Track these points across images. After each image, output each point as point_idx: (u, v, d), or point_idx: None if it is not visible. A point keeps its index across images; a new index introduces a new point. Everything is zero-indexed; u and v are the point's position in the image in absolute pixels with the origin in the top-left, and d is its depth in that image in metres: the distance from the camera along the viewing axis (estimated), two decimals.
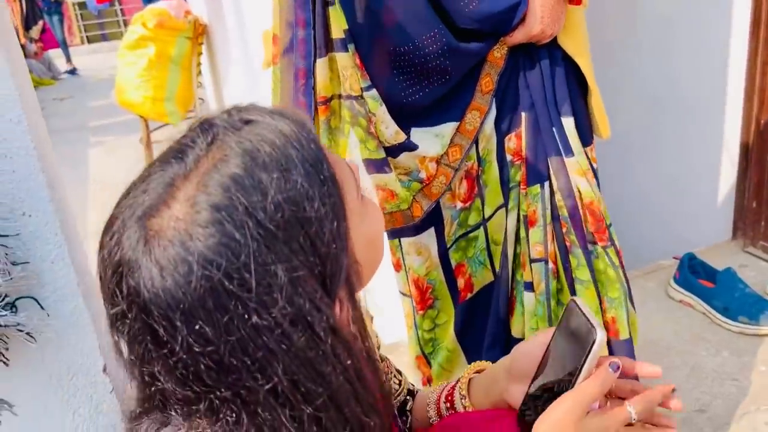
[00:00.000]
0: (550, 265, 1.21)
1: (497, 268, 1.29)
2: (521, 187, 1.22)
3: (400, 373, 0.91)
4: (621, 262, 1.24)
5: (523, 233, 1.24)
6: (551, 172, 1.20)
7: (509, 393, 0.77)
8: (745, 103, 1.96)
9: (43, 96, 8.66)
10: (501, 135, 1.23)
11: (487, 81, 1.19)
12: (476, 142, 1.22)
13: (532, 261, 1.23)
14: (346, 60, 1.12)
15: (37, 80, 9.37)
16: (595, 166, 1.24)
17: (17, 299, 0.74)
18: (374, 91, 1.13)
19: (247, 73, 3.57)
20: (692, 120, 2.13)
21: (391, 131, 1.14)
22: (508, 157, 1.23)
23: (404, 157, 1.17)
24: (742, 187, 2.04)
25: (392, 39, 1.11)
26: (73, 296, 0.78)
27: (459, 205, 1.26)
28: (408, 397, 0.89)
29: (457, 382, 0.86)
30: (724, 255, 2.06)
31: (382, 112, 1.13)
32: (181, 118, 4.32)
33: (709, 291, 1.82)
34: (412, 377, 1.18)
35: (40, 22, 8.90)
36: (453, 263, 1.30)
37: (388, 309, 1.72)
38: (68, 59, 9.45)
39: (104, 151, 5.81)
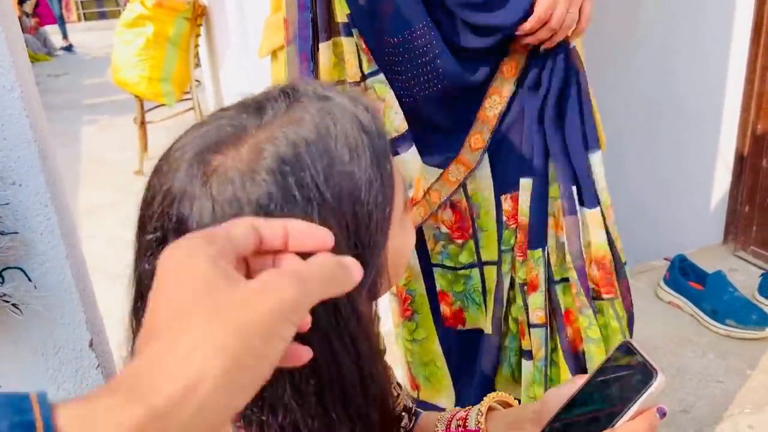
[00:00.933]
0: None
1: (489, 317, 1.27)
2: (517, 253, 1.18)
3: (400, 386, 0.88)
4: (628, 308, 1.21)
5: (519, 300, 1.21)
6: (563, 233, 1.15)
7: None
8: (742, 109, 1.96)
9: (37, 72, 8.57)
10: (497, 190, 1.19)
11: (477, 138, 1.16)
12: (464, 186, 1.20)
13: (531, 326, 1.19)
14: (350, 45, 1.10)
15: (32, 55, 9.28)
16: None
17: (4, 269, 0.73)
18: (381, 75, 1.10)
19: (245, 55, 3.55)
20: (689, 123, 2.13)
21: (399, 119, 1.11)
22: (504, 218, 1.19)
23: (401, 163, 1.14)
24: (735, 192, 2.05)
25: (386, 29, 1.10)
26: (62, 269, 0.77)
27: (443, 228, 1.23)
28: (403, 413, 0.87)
29: (473, 406, 0.84)
30: (715, 258, 2.07)
31: (390, 96, 1.11)
32: (177, 99, 4.29)
33: (698, 293, 1.82)
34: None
35: None
36: (438, 286, 1.28)
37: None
38: (64, 36, 9.39)
39: (97, 129, 5.77)
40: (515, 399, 0.87)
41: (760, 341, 1.69)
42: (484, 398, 0.82)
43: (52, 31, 9.67)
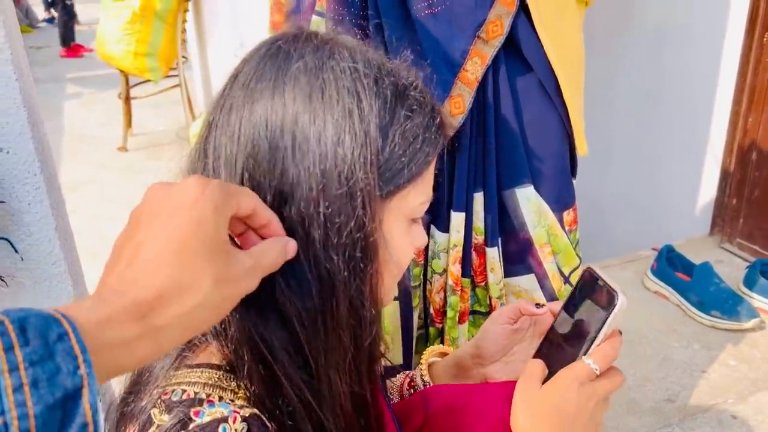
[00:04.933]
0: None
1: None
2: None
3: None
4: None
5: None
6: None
7: (488, 374, 0.78)
8: (733, 101, 1.96)
9: None
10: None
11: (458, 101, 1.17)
12: None
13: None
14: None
15: None
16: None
17: None
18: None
19: (234, 33, 3.49)
20: (680, 115, 2.13)
21: None
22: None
23: None
24: (723, 184, 2.06)
25: None
26: (50, 241, 0.74)
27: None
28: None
29: (415, 369, 0.85)
30: (701, 249, 2.08)
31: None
32: (163, 75, 4.22)
33: (684, 284, 1.83)
34: None
35: None
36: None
37: None
38: (47, 7, 9.18)
39: (81, 103, 5.66)
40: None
41: (744, 332, 1.71)
42: (423, 355, 0.84)
43: (33, 3, 9.46)
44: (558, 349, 0.67)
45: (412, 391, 0.84)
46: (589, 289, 0.65)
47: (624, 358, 1.64)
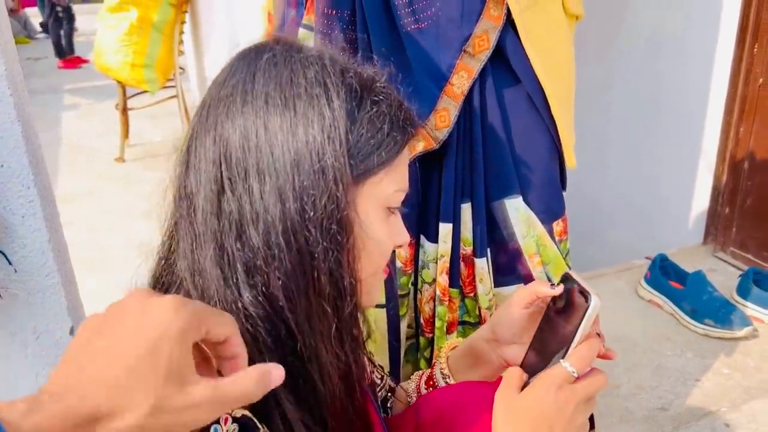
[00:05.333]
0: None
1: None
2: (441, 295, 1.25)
3: (382, 368, 0.90)
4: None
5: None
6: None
7: (506, 355, 0.78)
8: (725, 111, 1.98)
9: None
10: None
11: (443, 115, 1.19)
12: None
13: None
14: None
15: None
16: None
17: None
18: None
19: (231, 44, 3.52)
20: (673, 124, 2.15)
21: None
22: (399, 264, 1.25)
23: None
24: (716, 194, 2.07)
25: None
26: (44, 254, 0.75)
27: (399, 264, 1.26)
28: (389, 394, 0.89)
29: (434, 365, 0.85)
30: (695, 258, 2.09)
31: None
32: (160, 86, 4.24)
33: (678, 292, 1.84)
34: None
35: None
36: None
37: None
38: (45, 18, 9.21)
39: (78, 114, 5.68)
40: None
41: (737, 341, 1.72)
42: (440, 352, 0.85)
43: (32, 14, 9.51)
44: (540, 353, 0.68)
45: (430, 389, 0.84)
46: (567, 293, 0.67)
47: (617, 367, 1.64)
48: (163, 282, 0.64)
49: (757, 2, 1.82)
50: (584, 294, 0.64)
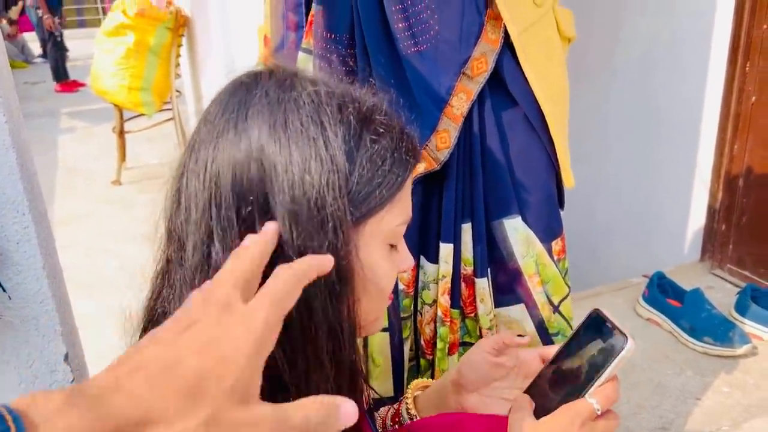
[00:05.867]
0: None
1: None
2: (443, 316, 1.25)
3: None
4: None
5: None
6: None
7: (464, 403, 0.78)
8: (719, 129, 1.99)
9: (14, 79, 8.46)
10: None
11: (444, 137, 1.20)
12: None
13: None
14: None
15: (9, 63, 9.14)
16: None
17: None
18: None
19: (228, 67, 3.53)
20: (668, 143, 2.16)
21: None
22: (401, 286, 1.24)
23: None
24: (712, 211, 2.08)
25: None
26: (38, 280, 0.74)
27: (402, 287, 1.26)
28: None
29: (401, 402, 0.85)
30: (692, 276, 2.09)
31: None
32: (157, 109, 4.26)
33: (676, 310, 1.84)
34: None
35: (20, 3, 8.72)
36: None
37: None
38: (43, 43, 9.28)
39: (75, 138, 5.70)
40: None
41: (736, 358, 1.71)
42: (407, 390, 0.84)
43: (30, 39, 9.57)
44: (554, 386, 0.68)
45: (394, 425, 0.84)
46: (596, 330, 0.66)
47: None
48: (156, 315, 0.62)
49: (748, 22, 1.84)
50: (619, 335, 0.63)
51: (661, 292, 1.91)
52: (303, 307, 0.54)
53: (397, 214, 0.60)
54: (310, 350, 0.55)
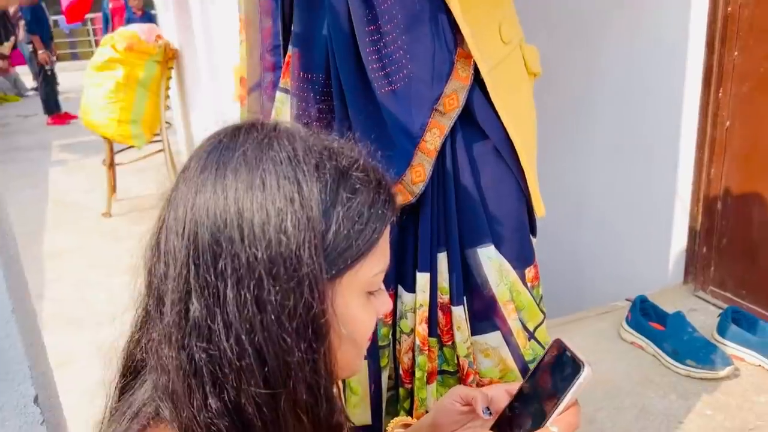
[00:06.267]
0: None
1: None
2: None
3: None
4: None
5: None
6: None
7: None
8: (696, 154, 2.02)
9: (7, 112, 8.51)
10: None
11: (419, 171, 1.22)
12: None
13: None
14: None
15: (2, 96, 9.22)
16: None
17: None
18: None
19: (217, 98, 3.58)
20: (647, 167, 2.19)
21: None
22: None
23: None
24: (693, 233, 2.10)
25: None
26: (6, 323, 0.75)
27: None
28: None
29: None
30: (676, 298, 2.10)
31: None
32: (146, 141, 4.29)
33: (659, 334, 1.85)
34: None
35: (12, 38, 8.79)
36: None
37: None
38: (35, 76, 9.35)
39: (65, 170, 5.71)
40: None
41: (719, 381, 1.72)
42: (388, 425, 0.86)
43: (22, 72, 9.64)
44: (519, 418, 0.69)
45: None
46: (557, 360, 0.68)
47: (602, 411, 1.64)
48: (135, 361, 0.63)
49: (719, 50, 1.88)
50: (576, 362, 0.65)
51: (644, 315, 1.92)
52: (279, 365, 0.54)
53: (374, 264, 0.61)
54: (285, 405, 0.55)
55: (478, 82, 1.15)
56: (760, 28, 1.78)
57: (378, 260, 0.61)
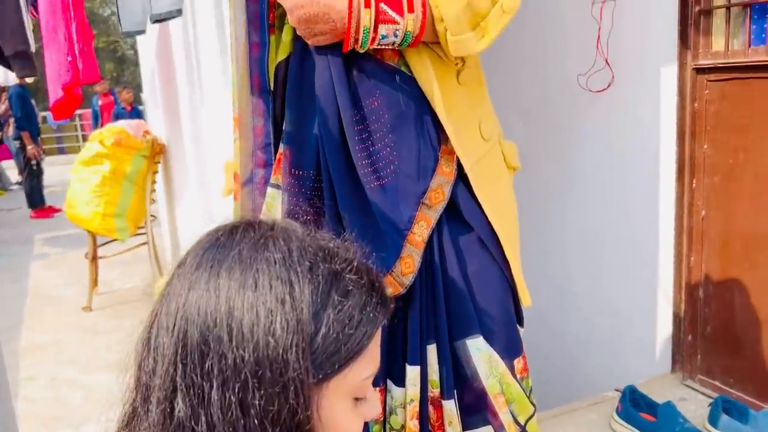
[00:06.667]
0: None
1: None
2: None
3: None
4: None
5: None
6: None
7: None
8: (675, 243, 2.07)
9: None
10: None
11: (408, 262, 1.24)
12: None
13: None
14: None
15: None
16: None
17: None
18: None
19: (203, 193, 3.62)
20: (628, 257, 2.23)
21: None
22: None
23: None
24: (678, 322, 2.11)
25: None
26: None
27: None
28: None
29: None
30: (666, 387, 2.08)
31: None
32: (131, 234, 4.29)
33: (650, 425, 1.82)
34: None
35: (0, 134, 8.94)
36: None
37: None
38: (20, 171, 9.43)
39: (47, 264, 5.66)
40: None
41: None
42: None
43: (7, 166, 9.72)
44: None
45: None
46: None
47: None
48: None
49: (690, 144, 1.97)
50: None
51: (634, 406, 1.90)
52: None
53: (363, 369, 0.60)
54: None
55: (461, 176, 1.19)
56: (726, 122, 1.88)
57: (367, 364, 0.61)
